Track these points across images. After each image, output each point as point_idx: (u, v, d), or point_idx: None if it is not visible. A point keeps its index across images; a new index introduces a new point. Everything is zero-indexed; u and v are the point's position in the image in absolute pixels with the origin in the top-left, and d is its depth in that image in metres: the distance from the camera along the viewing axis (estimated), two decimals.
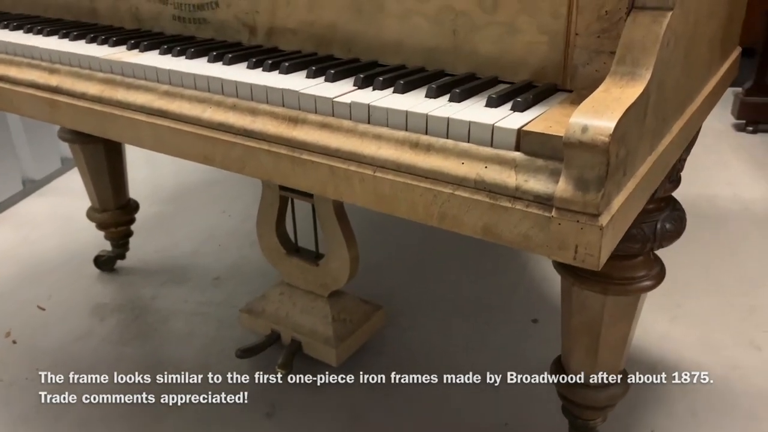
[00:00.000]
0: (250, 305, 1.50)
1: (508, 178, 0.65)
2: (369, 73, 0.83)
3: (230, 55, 0.93)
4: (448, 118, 0.69)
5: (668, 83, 0.73)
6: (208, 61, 0.94)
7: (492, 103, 0.72)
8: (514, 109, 0.71)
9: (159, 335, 1.58)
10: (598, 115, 0.60)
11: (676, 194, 0.98)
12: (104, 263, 1.84)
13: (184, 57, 0.97)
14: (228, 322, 1.61)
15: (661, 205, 0.95)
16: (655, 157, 0.74)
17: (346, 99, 0.77)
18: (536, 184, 0.64)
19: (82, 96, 0.99)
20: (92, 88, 0.98)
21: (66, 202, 2.28)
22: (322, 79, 0.84)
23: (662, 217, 0.94)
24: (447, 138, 0.70)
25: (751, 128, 2.70)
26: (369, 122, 0.75)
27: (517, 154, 0.66)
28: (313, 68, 0.86)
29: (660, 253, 0.99)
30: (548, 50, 0.76)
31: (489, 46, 0.80)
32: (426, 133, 0.71)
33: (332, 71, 0.84)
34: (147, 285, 1.79)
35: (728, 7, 1.02)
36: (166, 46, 1.00)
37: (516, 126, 0.66)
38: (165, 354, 1.51)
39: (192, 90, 0.89)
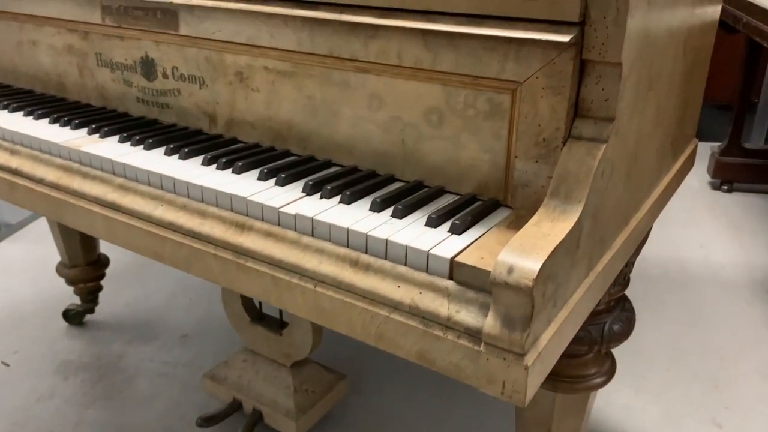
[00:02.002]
0: (213, 371, 1.49)
1: (441, 306, 0.66)
2: (318, 179, 0.84)
3: (186, 149, 0.94)
4: (387, 240, 0.70)
5: (606, 208, 0.74)
6: (165, 153, 0.95)
7: (431, 223, 0.73)
8: (452, 231, 0.72)
9: (122, 397, 1.57)
10: (525, 254, 0.61)
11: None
12: (73, 317, 1.83)
13: (142, 147, 0.98)
14: (192, 385, 1.61)
15: (610, 306, 0.96)
16: (593, 277, 0.75)
17: (292, 210, 0.77)
18: (467, 316, 0.64)
19: (40, 181, 0.99)
20: (50, 174, 0.99)
21: (41, 249, 2.28)
22: (273, 182, 0.85)
23: (610, 319, 0.95)
24: (385, 259, 0.71)
25: (726, 187, 2.72)
26: (312, 235, 0.76)
27: (450, 283, 0.66)
28: (265, 170, 0.87)
29: None
30: (490, 167, 0.78)
31: (435, 158, 0.82)
32: (366, 252, 0.72)
33: (283, 175, 0.85)
34: (114, 341, 1.78)
35: (680, 105, 1.03)
36: (125, 134, 1.01)
37: (449, 255, 0.67)
38: (127, 418, 1.49)
39: (146, 186, 0.90)
